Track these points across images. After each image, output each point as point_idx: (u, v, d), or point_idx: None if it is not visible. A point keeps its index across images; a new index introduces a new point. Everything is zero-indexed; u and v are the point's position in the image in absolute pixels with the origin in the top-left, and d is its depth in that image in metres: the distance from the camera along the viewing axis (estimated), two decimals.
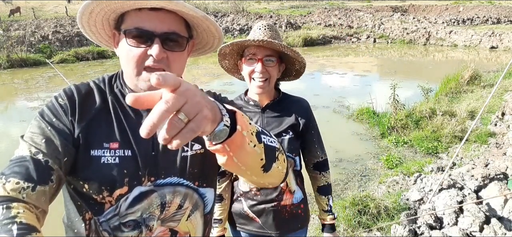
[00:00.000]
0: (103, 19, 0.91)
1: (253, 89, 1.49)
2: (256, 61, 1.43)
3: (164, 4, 0.82)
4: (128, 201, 0.90)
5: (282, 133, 1.52)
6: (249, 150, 0.70)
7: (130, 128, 0.92)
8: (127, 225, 0.91)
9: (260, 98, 1.53)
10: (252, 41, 1.40)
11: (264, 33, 1.44)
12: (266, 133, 0.80)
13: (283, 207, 1.59)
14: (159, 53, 0.85)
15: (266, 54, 1.43)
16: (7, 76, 10.82)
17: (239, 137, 0.66)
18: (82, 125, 0.88)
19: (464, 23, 22.86)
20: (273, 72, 1.46)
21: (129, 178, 0.89)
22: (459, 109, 6.31)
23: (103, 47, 1.02)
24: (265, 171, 0.78)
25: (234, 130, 0.65)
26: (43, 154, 0.83)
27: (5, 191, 0.77)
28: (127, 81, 0.95)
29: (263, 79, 1.44)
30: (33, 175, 0.80)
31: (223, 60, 1.59)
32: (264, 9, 32.61)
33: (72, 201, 0.93)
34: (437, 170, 4.13)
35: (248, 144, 0.69)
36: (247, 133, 0.68)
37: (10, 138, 5.88)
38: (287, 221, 1.61)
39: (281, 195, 1.58)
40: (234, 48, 1.49)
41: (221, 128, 0.62)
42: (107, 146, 0.88)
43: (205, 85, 9.33)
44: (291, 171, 1.59)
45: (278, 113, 1.54)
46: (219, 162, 0.70)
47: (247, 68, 1.47)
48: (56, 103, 0.89)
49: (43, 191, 0.81)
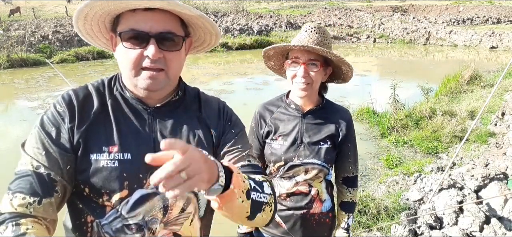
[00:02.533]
0: (99, 22, 0.91)
1: (296, 93, 1.46)
2: (299, 64, 1.40)
3: (158, 4, 0.82)
4: (129, 205, 0.89)
5: (320, 142, 1.49)
6: (237, 204, 0.80)
7: (131, 131, 0.92)
8: (129, 227, 0.90)
9: (302, 102, 1.50)
10: (293, 46, 1.38)
11: (310, 36, 1.40)
12: (258, 190, 0.88)
13: (311, 216, 1.55)
14: (155, 53, 0.85)
15: (310, 58, 1.39)
16: (7, 76, 10.82)
17: (230, 194, 0.77)
18: (81, 130, 0.88)
19: (464, 23, 22.86)
20: (316, 76, 1.42)
21: (129, 181, 0.89)
22: (459, 109, 6.31)
23: (103, 48, 1.02)
24: (249, 219, 0.87)
25: (227, 187, 0.76)
26: (44, 167, 0.84)
27: (12, 207, 0.80)
28: (126, 83, 0.94)
29: (306, 83, 1.40)
30: (37, 190, 0.82)
31: (268, 61, 1.57)
32: (264, 9, 32.60)
33: (73, 204, 0.93)
34: (437, 170, 4.13)
35: (237, 199, 0.79)
36: (238, 191, 0.79)
37: (10, 138, 5.87)
38: (314, 229, 1.58)
39: (311, 203, 1.54)
40: (278, 50, 1.48)
41: (216, 188, 0.74)
42: (107, 150, 0.88)
43: (205, 85, 9.33)
44: (324, 180, 1.55)
45: (318, 121, 1.50)
46: (212, 205, 0.82)
47: (290, 71, 1.44)
48: (54, 111, 0.89)
49: (50, 203, 0.84)
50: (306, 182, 1.51)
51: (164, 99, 0.97)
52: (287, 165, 1.49)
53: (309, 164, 1.48)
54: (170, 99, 0.98)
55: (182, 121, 0.98)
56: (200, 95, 1.06)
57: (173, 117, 0.97)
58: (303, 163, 1.48)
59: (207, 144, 0.99)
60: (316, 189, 1.53)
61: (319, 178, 1.52)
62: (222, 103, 1.09)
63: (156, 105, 0.96)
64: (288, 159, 1.48)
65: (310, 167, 1.48)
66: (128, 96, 0.95)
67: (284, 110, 1.54)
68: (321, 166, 1.49)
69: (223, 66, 12.21)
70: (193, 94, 1.05)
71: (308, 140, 1.48)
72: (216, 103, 1.08)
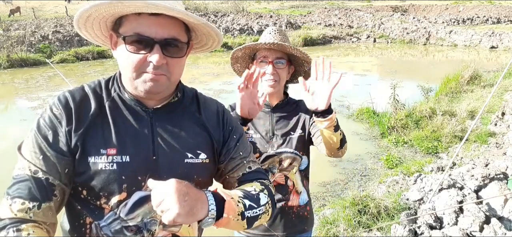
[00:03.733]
0: (100, 22, 0.90)
1: (264, 90, 1.54)
2: (267, 63, 1.50)
3: (167, 11, 0.81)
4: (127, 207, 0.89)
5: (290, 132, 1.57)
6: (233, 224, 0.85)
7: (129, 133, 0.91)
8: (128, 229, 0.90)
9: (270, 98, 1.59)
10: (263, 44, 1.47)
11: (275, 37, 1.51)
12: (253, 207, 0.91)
13: (290, 208, 1.61)
14: (159, 60, 0.84)
15: (277, 57, 1.51)
16: (7, 76, 10.82)
17: (224, 221, 0.82)
18: (78, 133, 0.87)
19: (464, 23, 22.86)
20: (282, 73, 1.54)
21: (128, 184, 0.88)
22: (459, 109, 6.31)
23: (103, 47, 1.02)
24: (247, 229, 0.92)
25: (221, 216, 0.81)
26: (42, 172, 0.83)
27: (12, 212, 0.80)
28: (126, 84, 0.93)
29: (274, 80, 1.51)
30: (36, 194, 0.82)
31: (235, 64, 1.66)
32: (264, 9, 32.60)
33: (71, 205, 0.92)
34: (437, 170, 4.13)
35: (232, 221, 0.84)
36: (233, 215, 0.83)
37: (10, 138, 5.87)
38: (293, 222, 1.62)
39: (288, 195, 1.59)
40: (246, 51, 1.57)
41: (209, 221, 0.80)
42: (105, 152, 0.87)
43: (205, 85, 9.33)
44: (298, 171, 1.60)
45: (286, 113, 1.60)
46: None
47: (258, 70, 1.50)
48: (51, 114, 0.87)
49: (49, 207, 0.84)
50: (282, 173, 1.58)
51: (163, 101, 0.96)
52: (262, 156, 1.55)
53: (282, 153, 1.56)
54: (169, 100, 0.97)
55: (181, 123, 0.97)
56: (198, 96, 1.06)
57: (172, 118, 0.96)
58: (276, 152, 1.55)
59: (206, 147, 0.99)
60: (292, 180, 1.60)
61: (293, 168, 1.58)
62: (221, 106, 1.09)
63: (155, 106, 0.95)
64: (263, 151, 1.56)
65: (283, 156, 1.56)
66: (127, 97, 0.93)
67: None
68: (293, 154, 1.57)
69: (223, 66, 12.21)
70: (191, 95, 1.05)
71: (279, 131, 1.57)
72: (214, 105, 1.07)
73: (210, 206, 0.79)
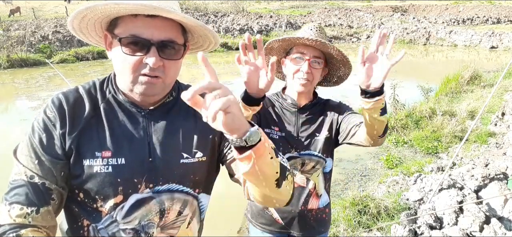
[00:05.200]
0: (95, 22, 0.88)
1: (295, 87, 1.46)
2: (303, 60, 1.41)
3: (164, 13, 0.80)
4: (124, 210, 0.88)
5: (315, 133, 1.50)
6: (268, 161, 0.80)
7: (125, 135, 0.89)
8: (126, 232, 0.89)
9: (298, 97, 1.51)
10: (305, 40, 1.37)
11: (316, 34, 1.41)
12: (280, 154, 0.88)
13: (309, 211, 1.56)
14: (156, 62, 0.83)
15: (315, 55, 1.41)
16: (7, 76, 10.81)
17: (263, 146, 0.77)
18: (73, 135, 0.86)
19: (464, 23, 22.87)
20: (317, 74, 1.45)
21: (123, 186, 0.87)
22: (459, 109, 6.31)
23: (103, 48, 1.01)
24: (278, 186, 0.85)
25: (259, 140, 0.76)
26: (38, 176, 0.83)
27: (11, 218, 0.81)
28: (121, 86, 0.92)
29: (307, 79, 1.42)
30: (33, 200, 0.82)
31: (268, 55, 1.55)
32: (264, 9, 32.61)
33: (69, 208, 0.92)
34: (437, 170, 4.13)
35: (268, 155, 0.79)
36: (268, 145, 0.79)
37: (11, 137, 5.88)
38: (311, 225, 1.58)
39: (308, 198, 1.55)
40: (283, 44, 1.47)
41: (255, 130, 0.75)
42: (99, 155, 0.86)
43: None
44: (321, 174, 1.55)
45: (313, 115, 1.53)
46: (242, 171, 0.80)
47: (293, 66, 1.44)
48: (45, 117, 0.86)
49: (47, 211, 0.84)
50: (303, 176, 1.52)
51: (158, 101, 0.95)
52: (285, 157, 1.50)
53: (305, 156, 1.50)
54: (164, 100, 0.96)
55: (177, 123, 0.96)
56: None
57: (168, 119, 0.94)
58: (300, 154, 1.49)
59: (203, 144, 0.97)
60: (313, 182, 1.54)
61: (317, 170, 1.53)
62: None
63: (150, 107, 0.93)
64: (285, 151, 1.49)
65: (307, 159, 1.50)
66: (121, 99, 0.92)
67: (280, 104, 1.56)
68: (317, 157, 1.51)
69: (223, 66, 12.21)
70: None
71: (304, 132, 1.50)
72: None
73: (251, 122, 0.78)
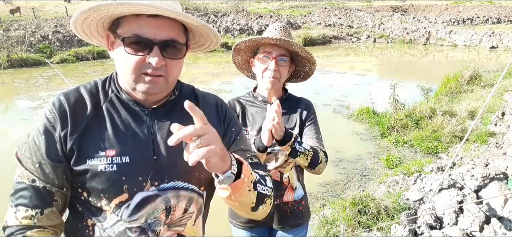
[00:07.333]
0: (97, 22, 0.89)
1: (264, 85, 1.55)
2: (270, 59, 1.50)
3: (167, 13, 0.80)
4: (130, 208, 0.88)
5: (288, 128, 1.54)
6: (245, 193, 0.86)
7: (129, 133, 0.90)
8: (132, 230, 0.89)
9: (269, 94, 1.59)
10: (270, 39, 1.46)
11: (280, 33, 1.51)
12: (262, 183, 0.94)
13: (285, 204, 1.62)
14: (158, 61, 0.84)
15: (280, 53, 1.50)
16: (7, 76, 10.81)
17: (241, 183, 0.83)
18: (75, 136, 0.86)
19: (464, 23, 22.86)
20: (284, 71, 1.54)
21: (128, 185, 0.87)
22: (459, 109, 6.31)
23: (103, 47, 1.01)
24: (253, 210, 0.93)
25: (239, 177, 0.82)
26: (39, 180, 0.85)
27: (17, 220, 0.84)
28: (123, 85, 0.92)
29: (275, 77, 1.50)
30: (37, 202, 0.85)
31: (237, 56, 1.65)
32: (264, 9, 32.59)
33: (73, 207, 0.92)
34: (437, 170, 4.13)
35: (245, 188, 0.85)
36: (247, 180, 0.85)
37: (11, 137, 5.88)
38: (288, 217, 1.63)
39: (283, 191, 1.60)
40: (250, 45, 1.56)
41: (229, 175, 0.80)
42: (103, 154, 0.86)
43: (205, 84, 9.33)
44: (294, 167, 1.61)
45: (284, 111, 1.57)
46: (220, 195, 0.86)
47: (261, 65, 1.53)
48: (45, 120, 0.87)
49: (52, 211, 0.87)
50: (277, 170, 1.57)
51: (161, 100, 0.96)
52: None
53: (278, 152, 1.54)
54: (167, 99, 0.97)
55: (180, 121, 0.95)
56: (196, 92, 1.06)
57: (171, 117, 0.95)
58: (272, 150, 1.54)
59: None
60: (287, 175, 1.59)
61: (289, 164, 1.58)
62: (220, 100, 1.09)
63: (153, 106, 0.94)
64: None
65: (279, 153, 1.55)
66: (125, 97, 0.93)
67: (252, 102, 1.62)
68: None
69: (223, 66, 12.21)
70: (189, 92, 1.05)
71: None
72: (213, 100, 1.07)
73: (232, 161, 0.82)
